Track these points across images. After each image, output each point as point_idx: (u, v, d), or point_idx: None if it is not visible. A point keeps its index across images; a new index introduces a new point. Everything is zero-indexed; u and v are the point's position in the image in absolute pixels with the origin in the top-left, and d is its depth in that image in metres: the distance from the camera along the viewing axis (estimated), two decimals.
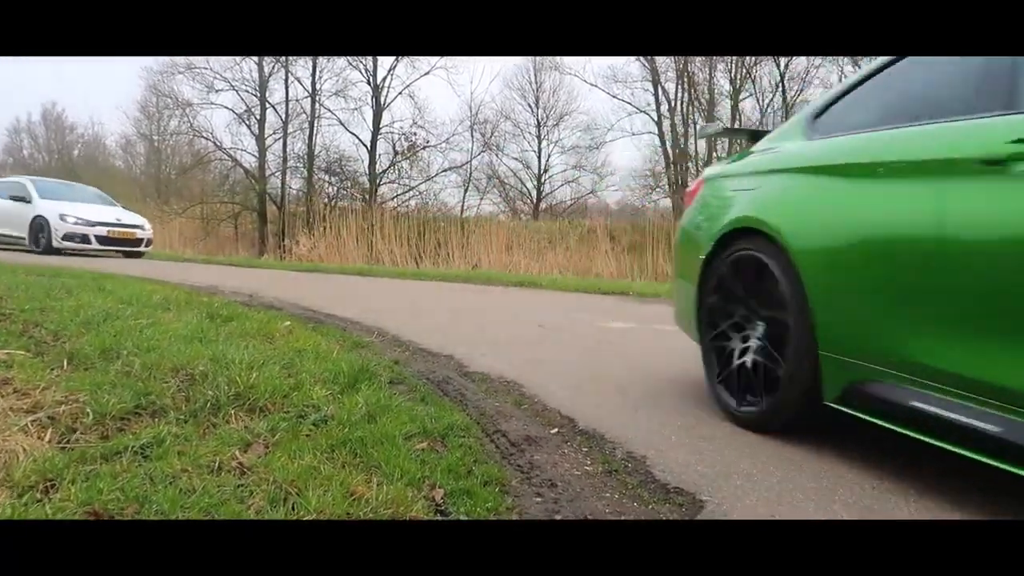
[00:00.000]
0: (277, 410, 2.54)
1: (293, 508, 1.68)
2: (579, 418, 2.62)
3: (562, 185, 25.48)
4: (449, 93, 31.02)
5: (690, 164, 18.60)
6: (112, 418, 2.38)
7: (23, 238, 12.25)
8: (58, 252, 11.63)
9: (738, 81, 17.58)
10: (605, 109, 37.78)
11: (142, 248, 12.79)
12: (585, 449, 2.30)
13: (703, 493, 1.90)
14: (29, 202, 12.35)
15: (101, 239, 12.10)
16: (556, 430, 2.50)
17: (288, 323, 4.32)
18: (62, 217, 11.93)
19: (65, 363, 3.11)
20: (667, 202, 19.18)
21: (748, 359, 2.52)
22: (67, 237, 11.82)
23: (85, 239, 11.97)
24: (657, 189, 19.81)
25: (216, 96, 21.67)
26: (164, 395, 2.58)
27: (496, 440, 2.39)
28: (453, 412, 2.60)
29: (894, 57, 2.31)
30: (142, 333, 3.61)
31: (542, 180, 25.44)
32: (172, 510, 1.64)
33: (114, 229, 12.35)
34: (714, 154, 17.77)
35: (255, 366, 2.91)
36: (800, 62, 16.07)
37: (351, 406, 2.52)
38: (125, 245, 12.55)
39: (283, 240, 19.17)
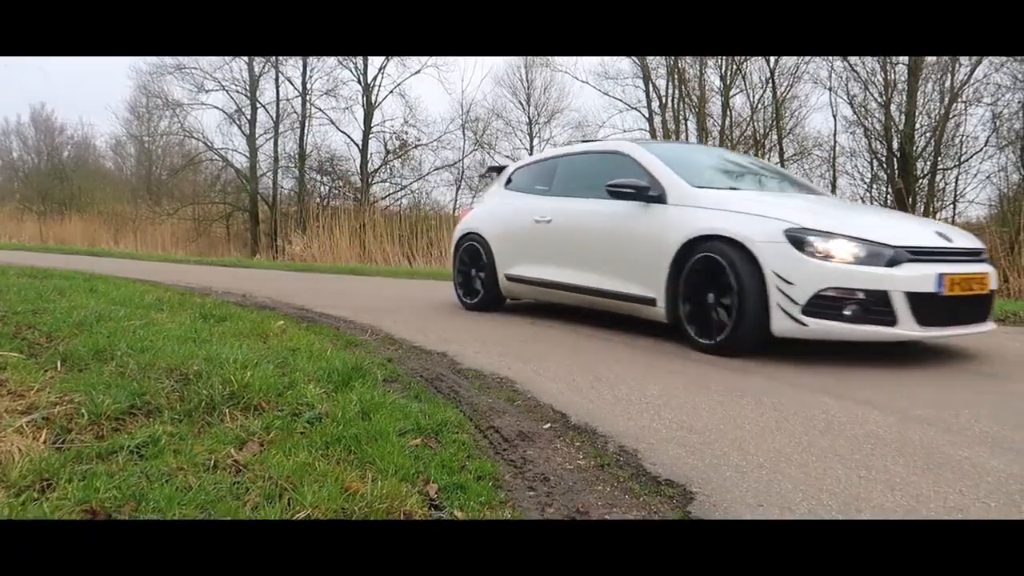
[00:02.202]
0: (271, 408, 2.55)
1: (289, 504, 1.70)
2: (571, 413, 2.64)
3: None
4: (440, 91, 30.98)
5: None
6: (107, 418, 2.39)
7: (648, 299, 4.34)
8: (759, 347, 3.82)
9: (728, 77, 17.60)
10: (596, 106, 37.80)
11: (989, 323, 3.96)
12: (578, 443, 2.32)
13: (693, 485, 1.93)
14: (660, 200, 4.42)
15: (925, 304, 3.52)
16: (549, 425, 2.53)
17: (282, 322, 4.33)
18: (802, 242, 3.64)
19: (59, 364, 3.12)
20: None
21: None
22: (826, 305, 3.54)
23: (881, 306, 3.50)
24: None
25: (206, 96, 21.60)
26: (159, 395, 2.60)
27: (489, 436, 2.41)
28: (447, 409, 2.62)
29: None
30: (136, 334, 3.63)
31: None
32: (169, 508, 1.66)
33: (953, 273, 3.62)
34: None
35: (249, 365, 2.92)
36: (789, 58, 16.12)
37: (345, 404, 2.54)
38: (970, 316, 3.79)
39: (275, 240, 19.12)
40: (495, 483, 1.96)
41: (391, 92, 21.68)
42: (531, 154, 25.01)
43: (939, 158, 14.60)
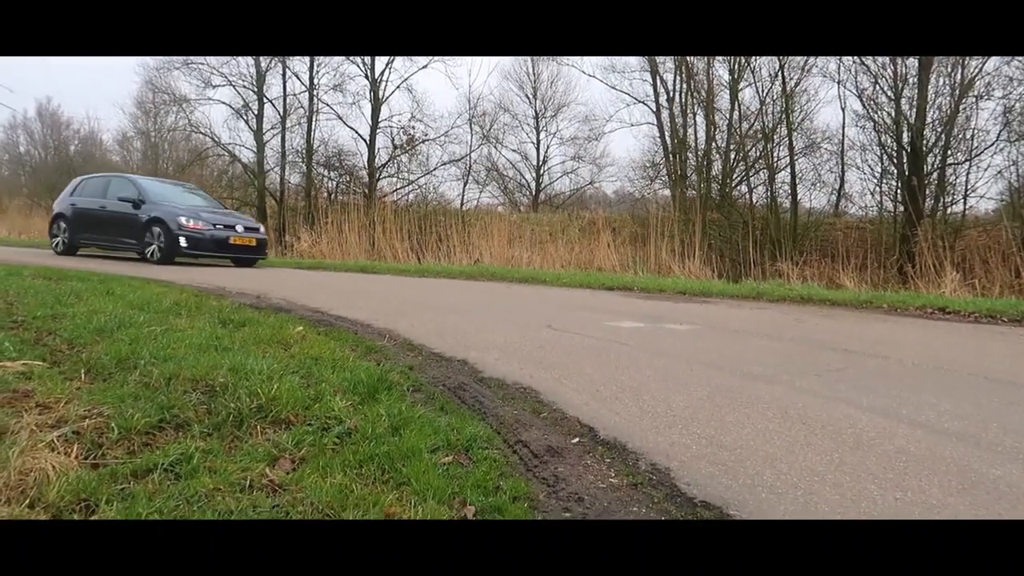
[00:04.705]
0: (300, 422, 2.56)
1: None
2: (599, 427, 2.64)
3: (561, 176, 25.50)
4: (447, 86, 30.95)
5: (689, 154, 18.54)
6: (137, 433, 2.40)
7: None
8: None
9: (737, 71, 17.47)
10: (603, 100, 37.78)
11: None
12: (608, 460, 2.32)
13: (730, 507, 1.93)
14: None
15: None
16: (577, 440, 2.53)
17: (300, 328, 4.34)
18: None
19: (83, 374, 3.13)
20: (666, 192, 19.14)
21: None
22: None
23: None
24: (656, 180, 19.76)
25: (213, 91, 21.53)
26: (187, 408, 2.60)
27: (519, 451, 2.42)
28: (474, 422, 2.63)
29: None
30: (157, 341, 3.63)
31: (541, 172, 25.43)
32: None
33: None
34: (713, 144, 17.74)
35: (274, 376, 2.93)
36: None
37: (374, 418, 2.55)
38: None
39: (283, 236, 19.13)
40: (531, 504, 1.96)
41: (398, 87, 21.64)
42: (536, 148, 24.87)
43: (949, 152, 14.48)
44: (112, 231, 11.91)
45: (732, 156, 17.52)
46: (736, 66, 17.40)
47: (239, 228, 11.67)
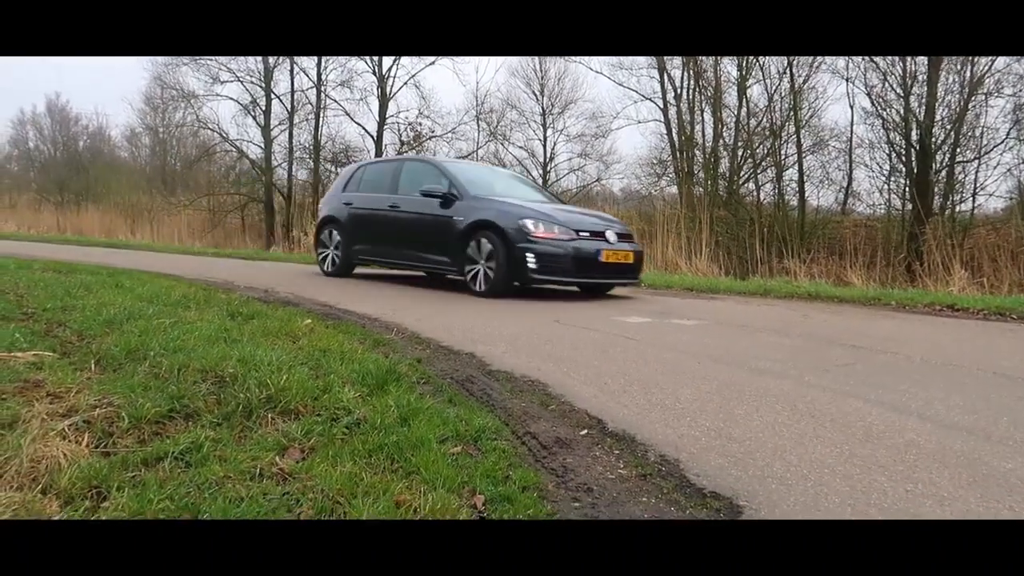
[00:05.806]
0: (309, 413, 2.57)
1: (344, 518, 1.71)
2: (607, 419, 2.64)
3: (568, 173, 25.44)
4: (455, 83, 30.97)
5: (696, 152, 18.49)
6: (148, 422, 2.41)
7: None
8: None
9: (745, 68, 17.40)
10: (611, 97, 37.63)
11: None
12: (617, 451, 2.32)
13: (740, 498, 1.92)
14: None
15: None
16: (586, 432, 2.53)
17: (308, 321, 4.35)
18: None
19: (93, 364, 3.14)
20: (673, 189, 19.10)
21: None
22: None
23: None
24: (663, 177, 19.71)
25: (221, 87, 21.62)
26: (196, 398, 2.62)
27: (527, 442, 2.42)
28: (482, 414, 2.63)
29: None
30: (166, 333, 3.65)
31: (548, 168, 25.39)
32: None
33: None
34: (721, 141, 17.70)
35: (283, 368, 2.94)
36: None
37: (383, 409, 2.55)
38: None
39: (290, 232, 19.18)
40: (540, 494, 1.96)
41: (405, 84, 21.65)
42: (543, 145, 24.83)
43: (958, 150, 14.41)
44: (409, 242, 7.69)
45: (740, 153, 17.47)
46: (744, 63, 17.33)
47: (610, 236, 6.97)
